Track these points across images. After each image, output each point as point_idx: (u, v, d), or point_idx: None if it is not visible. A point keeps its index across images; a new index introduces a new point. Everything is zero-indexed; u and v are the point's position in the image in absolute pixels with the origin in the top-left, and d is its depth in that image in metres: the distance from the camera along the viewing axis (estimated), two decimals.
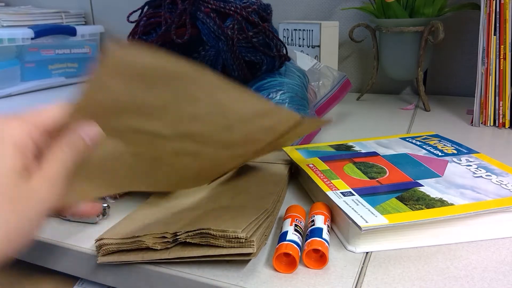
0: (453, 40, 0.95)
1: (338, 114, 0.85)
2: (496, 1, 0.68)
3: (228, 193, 0.46)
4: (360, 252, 0.38)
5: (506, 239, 0.39)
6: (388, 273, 0.35)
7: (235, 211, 0.40)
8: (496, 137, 0.68)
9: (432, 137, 0.59)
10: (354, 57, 1.05)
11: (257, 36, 0.63)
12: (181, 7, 0.61)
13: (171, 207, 0.45)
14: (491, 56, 0.70)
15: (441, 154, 0.52)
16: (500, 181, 0.44)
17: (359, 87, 1.06)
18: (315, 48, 0.87)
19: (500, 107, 0.71)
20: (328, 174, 0.48)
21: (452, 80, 0.98)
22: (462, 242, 0.39)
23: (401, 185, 0.44)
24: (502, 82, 0.70)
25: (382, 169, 0.49)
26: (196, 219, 0.39)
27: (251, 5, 0.64)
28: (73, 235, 0.42)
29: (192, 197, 0.47)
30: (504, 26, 0.68)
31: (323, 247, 0.36)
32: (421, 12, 0.83)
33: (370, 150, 0.55)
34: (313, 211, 0.41)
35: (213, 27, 0.61)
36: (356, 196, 0.42)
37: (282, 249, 0.36)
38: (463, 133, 0.70)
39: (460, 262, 0.36)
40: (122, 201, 0.49)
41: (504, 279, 0.34)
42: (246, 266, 0.36)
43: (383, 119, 0.81)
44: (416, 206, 0.40)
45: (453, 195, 0.42)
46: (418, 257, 0.37)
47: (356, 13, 1.01)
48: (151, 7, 0.66)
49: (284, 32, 0.94)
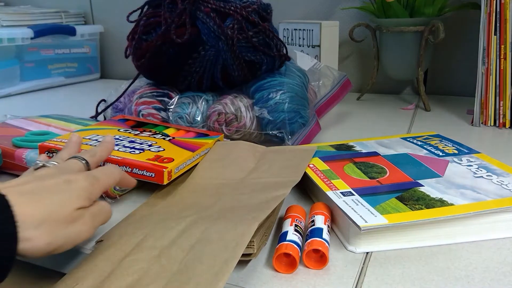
0: (453, 40, 0.95)
1: (338, 114, 0.85)
2: (497, 1, 0.68)
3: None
4: (360, 252, 0.38)
5: (506, 239, 0.39)
6: (389, 273, 0.35)
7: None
8: (497, 137, 0.68)
9: (433, 137, 0.59)
10: (354, 57, 1.05)
11: (257, 36, 0.63)
12: (181, 6, 0.61)
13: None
14: (492, 56, 0.70)
15: (442, 154, 0.52)
16: (501, 181, 0.44)
17: (359, 87, 1.06)
18: (315, 48, 0.87)
19: (501, 107, 0.71)
20: (328, 174, 0.48)
21: (453, 80, 0.98)
22: (463, 243, 0.39)
23: (401, 185, 0.44)
24: (502, 82, 0.70)
25: (383, 169, 0.49)
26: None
27: (251, 5, 0.64)
28: None
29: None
30: (504, 26, 0.68)
31: (323, 247, 0.36)
32: (422, 12, 0.83)
33: (370, 150, 0.55)
34: (313, 211, 0.41)
35: (213, 26, 0.60)
36: (356, 196, 0.42)
37: (282, 249, 0.35)
38: (463, 133, 0.70)
39: (460, 263, 0.36)
40: (122, 201, 0.49)
41: (504, 279, 0.34)
42: (246, 266, 0.36)
43: (383, 119, 0.81)
44: (415, 206, 0.39)
45: (453, 195, 0.42)
46: (418, 257, 0.37)
47: (356, 13, 1.01)
48: (151, 7, 0.66)
49: (284, 32, 0.94)
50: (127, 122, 0.63)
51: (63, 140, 0.52)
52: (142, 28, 0.64)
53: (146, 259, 0.34)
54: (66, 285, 0.32)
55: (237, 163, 0.52)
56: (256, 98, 0.64)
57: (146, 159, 0.49)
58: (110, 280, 0.32)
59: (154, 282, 0.31)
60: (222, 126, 0.63)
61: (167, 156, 0.50)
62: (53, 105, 1.01)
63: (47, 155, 0.51)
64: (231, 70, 0.63)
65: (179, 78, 0.65)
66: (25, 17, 1.20)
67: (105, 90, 1.17)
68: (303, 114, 0.63)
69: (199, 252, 0.33)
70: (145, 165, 0.48)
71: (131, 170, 0.48)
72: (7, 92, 1.11)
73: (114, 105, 0.71)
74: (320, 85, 0.73)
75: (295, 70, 0.68)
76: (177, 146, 0.54)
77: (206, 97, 0.66)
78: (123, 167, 0.48)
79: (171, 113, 0.65)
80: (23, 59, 1.14)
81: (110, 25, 1.34)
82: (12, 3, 1.47)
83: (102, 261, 0.35)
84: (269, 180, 0.47)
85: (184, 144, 0.55)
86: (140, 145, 0.53)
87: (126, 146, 0.52)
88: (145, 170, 0.48)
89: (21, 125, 0.66)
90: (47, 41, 1.19)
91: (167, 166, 0.48)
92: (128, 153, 0.50)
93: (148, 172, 0.48)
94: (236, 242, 0.33)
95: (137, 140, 0.55)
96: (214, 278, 0.30)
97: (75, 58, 1.28)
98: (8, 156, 0.56)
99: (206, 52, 0.62)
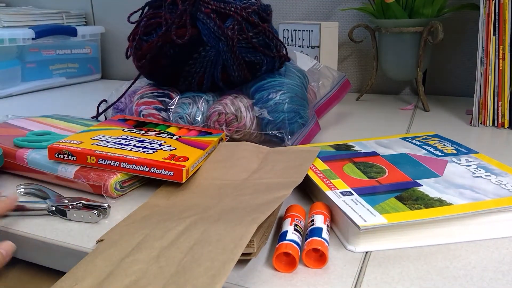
0: (452, 40, 0.95)
1: (338, 114, 0.85)
2: (495, 2, 0.68)
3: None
4: (360, 251, 0.38)
5: (505, 238, 0.39)
6: (388, 273, 0.35)
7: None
8: (495, 137, 0.68)
9: (432, 137, 0.59)
10: (354, 58, 1.05)
11: (257, 36, 0.64)
12: (182, 7, 0.61)
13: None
14: (490, 56, 0.70)
15: (440, 154, 0.53)
16: (500, 181, 0.45)
17: (359, 87, 1.06)
18: (315, 49, 0.87)
19: (499, 107, 0.72)
20: (328, 174, 0.48)
21: (451, 80, 0.98)
22: (461, 242, 0.39)
23: (400, 185, 0.45)
24: (501, 82, 0.70)
25: (382, 169, 0.49)
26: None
27: (251, 6, 0.64)
28: (73, 235, 0.43)
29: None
30: (503, 26, 0.68)
31: (323, 246, 0.36)
32: (421, 13, 0.83)
33: (370, 150, 0.55)
34: (313, 210, 0.41)
35: (213, 27, 0.61)
36: (355, 195, 0.42)
37: (282, 248, 0.36)
38: (462, 133, 0.71)
39: (459, 262, 0.36)
40: (122, 201, 0.49)
41: (503, 279, 0.34)
42: (246, 266, 0.37)
43: (382, 119, 0.81)
44: (414, 206, 0.40)
45: (452, 195, 0.42)
46: (417, 256, 0.37)
47: (356, 14, 1.01)
48: (151, 8, 0.66)
49: (284, 32, 0.94)
50: (128, 122, 0.63)
51: (72, 141, 0.53)
52: (142, 29, 0.64)
53: (145, 260, 0.34)
54: (66, 285, 0.33)
55: (240, 164, 0.53)
56: (256, 98, 0.64)
57: (163, 158, 0.50)
58: (109, 280, 0.32)
59: (152, 284, 0.31)
60: (222, 126, 0.63)
61: (181, 155, 0.51)
62: (54, 105, 1.01)
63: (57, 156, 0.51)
64: (231, 70, 0.64)
65: (180, 79, 0.66)
66: (27, 17, 1.20)
67: (106, 90, 1.17)
68: (302, 114, 0.63)
69: (198, 254, 0.33)
70: (163, 164, 0.49)
71: (148, 169, 0.49)
72: (9, 93, 1.12)
73: (115, 106, 0.71)
74: (320, 85, 0.73)
75: (294, 71, 0.68)
76: (187, 145, 0.55)
77: (206, 97, 0.66)
78: (140, 166, 0.49)
79: (171, 113, 0.65)
80: (24, 60, 1.15)
81: (111, 26, 1.35)
82: (13, 3, 1.47)
83: (102, 261, 0.35)
84: (272, 180, 0.47)
85: (193, 143, 0.56)
86: (151, 144, 0.54)
87: (137, 146, 0.53)
88: (164, 169, 0.48)
89: (23, 125, 0.66)
90: (48, 42, 1.19)
91: (185, 165, 0.49)
92: (142, 153, 0.51)
93: (167, 171, 0.48)
94: (235, 244, 0.33)
95: (146, 140, 0.55)
96: (211, 280, 0.30)
97: (76, 59, 1.29)
98: (9, 156, 0.56)
99: (206, 53, 0.62)
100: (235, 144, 0.57)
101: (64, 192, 0.50)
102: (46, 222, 0.45)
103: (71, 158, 0.51)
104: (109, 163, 0.50)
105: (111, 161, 0.50)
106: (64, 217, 0.46)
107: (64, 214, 0.46)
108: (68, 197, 0.47)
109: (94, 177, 0.49)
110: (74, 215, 0.45)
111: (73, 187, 0.52)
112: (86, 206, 0.45)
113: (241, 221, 0.37)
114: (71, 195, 0.50)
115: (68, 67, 1.27)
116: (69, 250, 0.41)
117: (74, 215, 0.45)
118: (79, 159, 0.51)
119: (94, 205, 0.45)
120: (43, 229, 0.44)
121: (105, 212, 0.45)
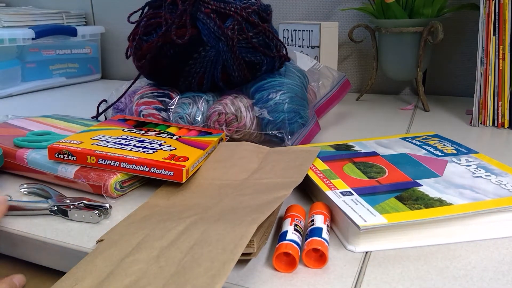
0: (452, 40, 0.95)
1: (338, 114, 0.85)
2: (495, 2, 0.68)
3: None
4: (360, 251, 0.38)
5: (505, 238, 0.39)
6: (388, 273, 0.35)
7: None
8: (495, 137, 0.68)
9: (432, 137, 0.59)
10: (354, 58, 1.05)
11: (257, 36, 0.64)
12: (182, 7, 0.62)
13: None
14: (490, 56, 0.70)
15: (440, 154, 0.53)
16: (500, 181, 0.45)
17: (359, 87, 1.06)
18: (315, 49, 0.87)
19: (499, 107, 0.72)
20: (328, 174, 0.48)
21: (451, 80, 0.98)
22: (461, 242, 0.39)
23: (400, 185, 0.45)
24: (501, 83, 0.70)
25: (382, 169, 0.49)
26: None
27: (251, 6, 0.64)
28: (74, 235, 0.43)
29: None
30: (503, 26, 0.68)
31: (323, 246, 0.36)
32: (421, 13, 0.83)
33: (370, 150, 0.55)
34: (313, 210, 0.41)
35: (213, 27, 0.61)
36: (355, 195, 0.42)
37: (282, 248, 0.36)
38: (462, 133, 0.71)
39: (459, 262, 0.36)
40: (122, 201, 0.49)
41: (503, 279, 0.34)
42: (246, 266, 0.37)
43: (382, 119, 0.81)
44: (414, 206, 0.40)
45: (452, 195, 0.42)
46: (417, 256, 0.37)
47: (356, 14, 1.01)
48: (151, 8, 0.66)
49: (284, 32, 0.94)
50: (128, 122, 0.63)
51: (72, 141, 0.53)
52: (142, 29, 0.65)
53: (145, 260, 0.34)
54: (66, 285, 0.33)
55: (240, 164, 0.53)
56: (256, 98, 0.64)
57: (163, 158, 0.50)
58: (109, 280, 0.32)
59: (152, 284, 0.31)
60: (222, 126, 0.63)
61: (181, 155, 0.51)
62: (54, 105, 1.01)
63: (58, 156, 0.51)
64: (231, 70, 0.64)
65: (180, 79, 0.66)
66: (26, 17, 1.20)
67: (106, 90, 1.17)
68: (302, 114, 0.63)
69: (198, 254, 0.33)
70: (163, 164, 0.49)
71: (148, 169, 0.49)
72: (9, 93, 1.12)
73: (115, 106, 0.71)
74: (320, 85, 0.73)
75: (294, 71, 0.68)
76: (187, 145, 0.55)
77: (206, 97, 0.66)
78: (140, 166, 0.49)
79: (171, 113, 0.65)
80: (24, 60, 1.15)
81: (111, 26, 1.35)
82: (13, 3, 1.47)
83: (102, 261, 0.35)
84: (272, 180, 0.47)
85: (192, 143, 0.56)
86: (151, 144, 0.54)
87: (137, 146, 0.53)
88: (163, 169, 0.48)
89: (23, 125, 0.67)
90: (48, 42, 1.19)
91: (185, 165, 0.49)
92: (142, 153, 0.51)
93: (167, 171, 0.48)
94: (235, 244, 0.33)
95: (146, 140, 0.55)
96: (211, 280, 0.30)
97: (76, 59, 1.29)
98: (9, 156, 0.56)
99: (206, 53, 0.62)
100: (235, 144, 0.57)
101: (64, 192, 0.50)
102: (46, 222, 0.45)
103: (71, 158, 0.51)
104: (109, 163, 0.50)
105: (111, 161, 0.50)
106: (66, 217, 0.46)
107: (65, 214, 0.46)
108: (70, 197, 0.47)
109: (94, 177, 0.49)
110: (76, 215, 0.45)
111: (73, 187, 0.52)
112: (87, 206, 0.45)
113: (241, 221, 0.37)
114: (72, 195, 0.50)
115: (68, 67, 1.27)
116: (69, 250, 0.41)
117: (75, 215, 0.45)
118: (79, 159, 0.51)
119: (95, 205, 0.45)
120: (43, 229, 0.44)
121: (106, 212, 0.45)
